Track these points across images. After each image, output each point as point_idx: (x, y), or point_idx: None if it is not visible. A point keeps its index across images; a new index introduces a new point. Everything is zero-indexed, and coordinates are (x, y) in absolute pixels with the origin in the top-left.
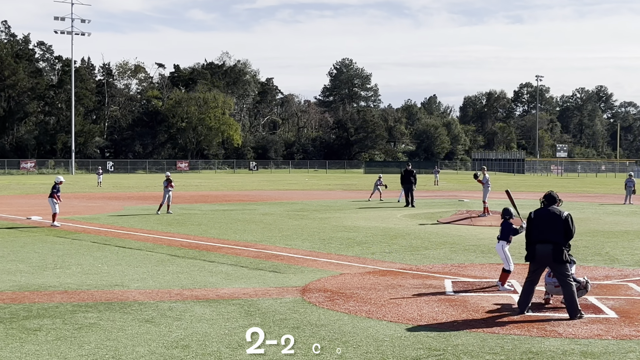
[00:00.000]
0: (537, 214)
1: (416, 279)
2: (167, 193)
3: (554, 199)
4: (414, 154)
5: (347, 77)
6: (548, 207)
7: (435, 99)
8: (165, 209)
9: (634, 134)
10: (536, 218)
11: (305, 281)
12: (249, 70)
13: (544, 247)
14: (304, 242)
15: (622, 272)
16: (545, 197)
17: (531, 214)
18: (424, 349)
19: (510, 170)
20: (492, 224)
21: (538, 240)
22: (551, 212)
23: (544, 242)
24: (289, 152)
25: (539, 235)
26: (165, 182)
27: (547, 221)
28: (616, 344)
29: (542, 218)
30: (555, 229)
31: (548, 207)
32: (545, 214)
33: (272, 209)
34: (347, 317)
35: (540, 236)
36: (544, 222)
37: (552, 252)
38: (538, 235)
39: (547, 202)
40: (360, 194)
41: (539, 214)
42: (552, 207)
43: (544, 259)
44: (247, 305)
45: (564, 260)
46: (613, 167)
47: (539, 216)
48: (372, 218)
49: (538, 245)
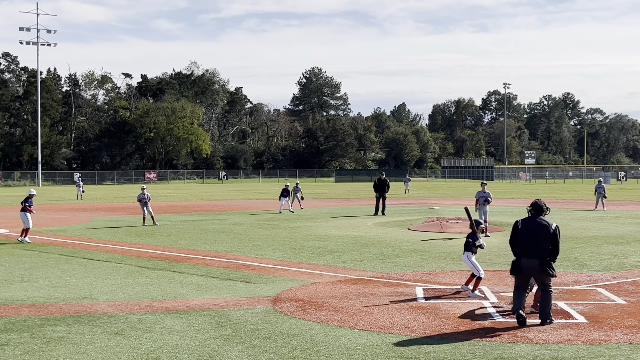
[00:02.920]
0: (524, 225)
1: (387, 287)
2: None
3: (541, 208)
4: (384, 162)
5: (317, 86)
6: (535, 217)
7: (404, 107)
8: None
9: (601, 140)
10: (523, 229)
11: (276, 291)
12: (218, 80)
13: (531, 261)
14: (274, 252)
15: (591, 277)
16: (532, 206)
17: (518, 223)
18: (396, 357)
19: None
20: (462, 231)
21: (524, 254)
22: (539, 224)
23: (531, 256)
24: (259, 161)
25: (525, 249)
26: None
27: (534, 233)
28: (586, 349)
29: (529, 229)
30: (542, 242)
31: (536, 218)
32: (532, 225)
33: (242, 219)
34: (319, 327)
35: (527, 249)
36: (530, 234)
37: (538, 267)
38: (524, 248)
39: (535, 212)
40: (331, 202)
41: (526, 225)
42: (540, 218)
43: (530, 273)
44: (218, 316)
45: (550, 274)
46: (580, 173)
47: (525, 227)
48: (342, 227)
49: (524, 260)
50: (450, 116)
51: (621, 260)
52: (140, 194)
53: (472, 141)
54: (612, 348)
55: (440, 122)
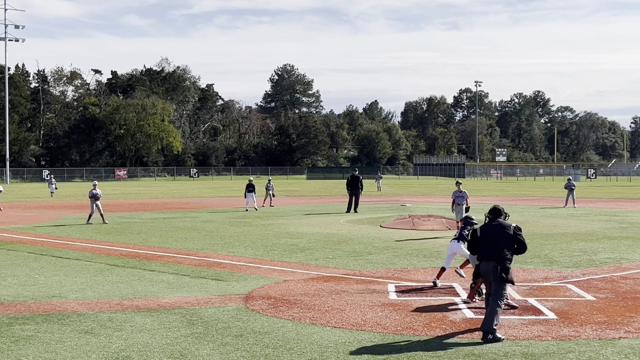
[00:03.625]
0: (482, 231)
1: (360, 284)
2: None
3: (500, 212)
4: (356, 159)
5: (289, 83)
6: (493, 221)
7: (376, 105)
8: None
9: (571, 138)
10: (482, 235)
11: (248, 289)
12: (189, 77)
13: (487, 264)
14: (246, 249)
15: (561, 274)
16: (491, 212)
17: (477, 230)
18: (368, 354)
19: (451, 175)
20: (434, 228)
21: (484, 257)
22: (497, 227)
23: (489, 259)
24: (231, 158)
25: (485, 253)
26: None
27: (493, 237)
28: (556, 345)
29: (488, 234)
30: (500, 244)
31: (493, 222)
32: (491, 230)
33: (214, 217)
34: (291, 324)
35: (487, 253)
36: (490, 238)
37: (493, 270)
38: (484, 251)
39: (493, 217)
40: (303, 199)
41: (484, 231)
42: (497, 221)
43: (487, 276)
44: (189, 314)
45: (505, 279)
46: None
47: (485, 232)
48: (315, 224)
49: (483, 263)
50: (422, 114)
51: (590, 257)
52: (92, 190)
53: (444, 139)
54: (581, 344)
55: (412, 120)
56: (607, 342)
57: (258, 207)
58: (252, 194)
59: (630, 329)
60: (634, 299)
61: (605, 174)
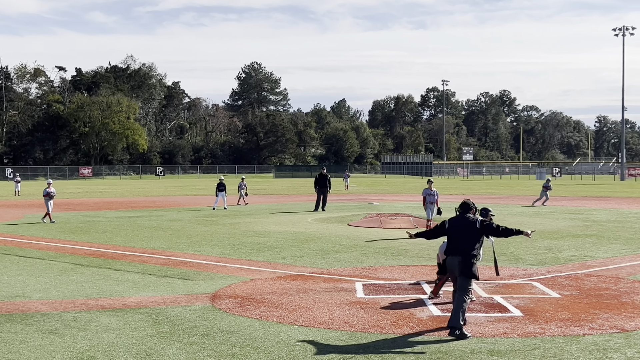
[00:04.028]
0: (450, 224)
1: (327, 283)
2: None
3: (469, 206)
4: (324, 157)
5: (256, 81)
6: (463, 215)
7: (344, 103)
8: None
9: (536, 136)
10: (450, 228)
11: (215, 288)
12: (155, 74)
13: (453, 259)
14: (213, 248)
15: (526, 272)
16: (461, 206)
17: (445, 222)
18: (336, 353)
19: (418, 174)
20: (401, 226)
21: (450, 252)
22: (465, 222)
23: (455, 254)
24: (197, 157)
25: (451, 247)
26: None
27: (460, 232)
28: (521, 342)
29: (455, 228)
30: (467, 239)
31: (462, 216)
32: (458, 224)
33: (180, 215)
34: (258, 323)
35: (453, 248)
36: (457, 232)
37: (459, 264)
38: (450, 246)
39: (462, 211)
40: (270, 198)
41: (453, 224)
42: (466, 216)
43: (453, 271)
44: (155, 313)
45: (470, 274)
46: (517, 169)
47: (452, 226)
48: (282, 222)
49: (449, 258)
50: (389, 112)
51: (555, 255)
52: (46, 188)
53: (412, 137)
54: (546, 341)
55: (380, 118)
56: (572, 339)
57: (235, 206)
58: (223, 193)
59: (594, 326)
60: (597, 296)
61: (570, 173)
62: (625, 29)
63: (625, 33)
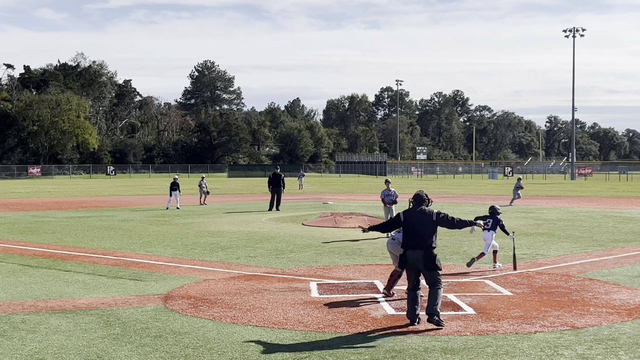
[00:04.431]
0: (406, 217)
1: (282, 283)
2: None
3: (423, 198)
4: (278, 157)
5: (209, 79)
6: (416, 208)
7: (298, 102)
8: None
9: (488, 136)
10: (406, 221)
11: (167, 288)
12: (105, 72)
13: (415, 253)
14: (165, 249)
15: (479, 270)
16: (414, 198)
17: (400, 215)
18: (290, 353)
19: (372, 173)
20: (355, 225)
21: (410, 246)
22: (421, 214)
23: (415, 248)
24: (149, 156)
25: (410, 240)
26: None
27: (418, 225)
28: (474, 340)
29: (412, 221)
30: (425, 232)
31: (417, 209)
32: (415, 217)
33: (132, 215)
34: (212, 324)
35: (412, 241)
36: (415, 226)
37: (422, 259)
38: (409, 240)
39: (416, 203)
40: (224, 197)
41: (408, 217)
42: (421, 209)
43: (416, 265)
44: (106, 315)
45: (436, 267)
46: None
47: (408, 219)
48: (236, 222)
49: (409, 252)
50: (344, 112)
51: (507, 253)
52: None
53: (366, 137)
54: (499, 338)
55: (334, 118)
56: (524, 336)
57: (196, 206)
58: (177, 192)
59: (546, 323)
60: (549, 294)
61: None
62: (576, 30)
63: (576, 34)
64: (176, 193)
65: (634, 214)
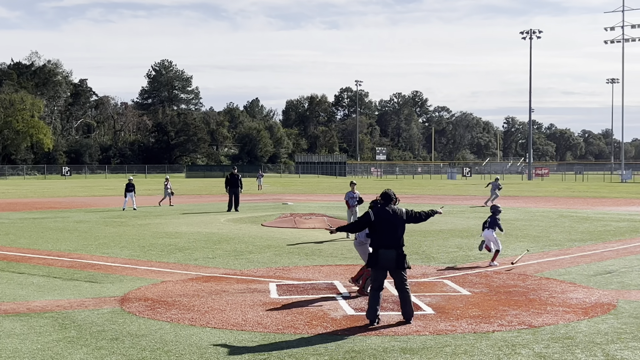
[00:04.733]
0: (377, 216)
1: (241, 284)
2: None
3: (391, 197)
4: (237, 157)
5: (167, 79)
6: (386, 206)
7: (257, 103)
8: None
9: (447, 137)
10: (377, 220)
11: (124, 290)
12: (61, 71)
13: (388, 252)
14: (122, 250)
15: (438, 270)
16: (382, 196)
17: (370, 214)
18: (249, 354)
19: (332, 173)
20: (315, 226)
21: (382, 246)
22: (391, 214)
23: (388, 247)
24: (105, 156)
25: (382, 240)
26: None
27: (389, 224)
28: (433, 339)
29: (383, 220)
30: (397, 232)
31: (386, 207)
32: (386, 217)
33: (87, 217)
34: (169, 326)
35: (384, 241)
36: (386, 225)
37: (395, 259)
38: (381, 239)
39: (384, 202)
40: (182, 198)
41: (379, 216)
42: (390, 207)
43: (388, 265)
44: (61, 317)
45: (406, 266)
46: (429, 169)
47: (380, 218)
48: (194, 223)
49: (382, 251)
50: (303, 112)
51: (466, 253)
52: None
53: (326, 137)
54: (457, 338)
55: (294, 118)
56: (482, 335)
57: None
58: (132, 193)
59: (503, 322)
60: (506, 293)
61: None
62: (532, 32)
63: (532, 36)
64: (131, 194)
65: (590, 214)
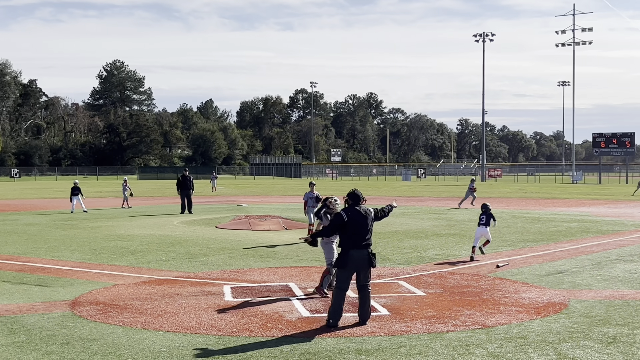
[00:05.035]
0: (349, 215)
1: (194, 287)
2: None
3: (359, 197)
4: (190, 159)
5: (119, 79)
6: (355, 206)
7: (211, 104)
8: None
9: (402, 139)
10: (349, 221)
11: (75, 294)
12: (9, 71)
13: (360, 252)
14: (73, 253)
15: (393, 271)
16: (350, 196)
17: (342, 215)
18: (203, 357)
19: (287, 175)
20: (270, 228)
21: (355, 246)
22: (361, 214)
23: (360, 247)
24: (56, 158)
25: (354, 240)
26: None
27: (359, 225)
28: (388, 340)
29: (355, 220)
30: (367, 232)
31: (356, 207)
32: (357, 216)
33: (37, 219)
34: (122, 330)
35: (357, 241)
36: (357, 225)
37: (367, 258)
38: (353, 239)
39: (353, 202)
40: (134, 200)
41: (351, 215)
42: (359, 207)
43: (359, 265)
44: (10, 322)
45: (375, 265)
46: (383, 171)
47: (351, 218)
48: (147, 226)
49: (353, 251)
50: (258, 113)
51: (421, 254)
52: None
53: (281, 139)
54: (412, 338)
55: (248, 120)
56: (436, 336)
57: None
58: (78, 197)
59: (458, 323)
60: (460, 294)
61: (434, 174)
62: (485, 35)
63: (485, 39)
64: (77, 197)
65: (542, 215)
